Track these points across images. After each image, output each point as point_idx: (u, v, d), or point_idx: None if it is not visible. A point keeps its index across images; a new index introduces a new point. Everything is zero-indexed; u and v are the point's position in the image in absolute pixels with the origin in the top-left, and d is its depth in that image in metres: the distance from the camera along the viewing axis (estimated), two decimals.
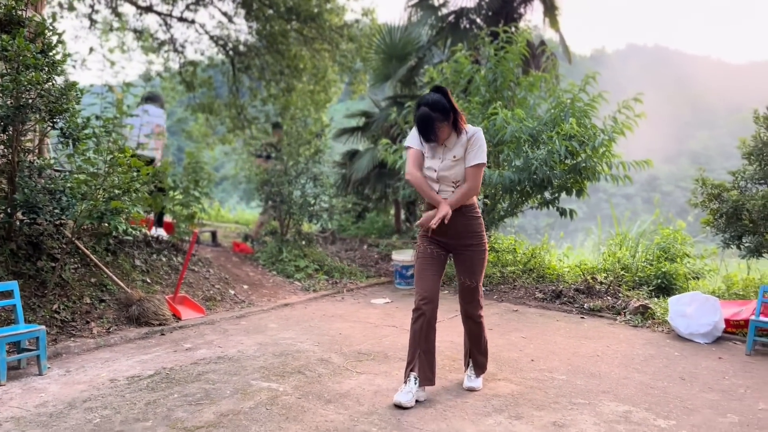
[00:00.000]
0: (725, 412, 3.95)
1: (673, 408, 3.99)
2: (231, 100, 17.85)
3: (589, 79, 7.77)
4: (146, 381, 4.12)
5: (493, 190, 8.16)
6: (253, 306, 6.59)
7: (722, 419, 3.80)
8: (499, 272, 8.42)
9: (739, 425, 3.71)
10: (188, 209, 6.76)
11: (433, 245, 3.93)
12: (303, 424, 3.44)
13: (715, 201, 6.90)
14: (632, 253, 8.90)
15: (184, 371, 4.36)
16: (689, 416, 3.83)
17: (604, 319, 6.71)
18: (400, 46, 11.18)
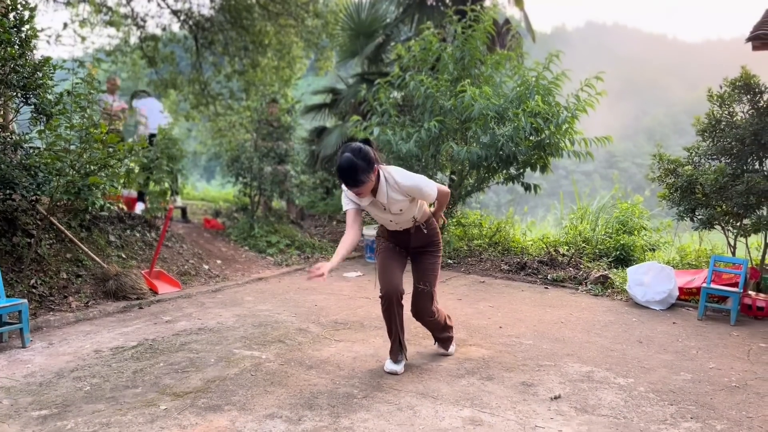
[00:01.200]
0: (679, 370, 4.27)
1: (632, 368, 4.29)
2: (194, 75, 17.57)
3: (553, 57, 7.99)
4: (130, 351, 4.23)
5: (460, 167, 8.37)
6: (227, 280, 6.70)
7: (676, 377, 4.12)
8: (466, 246, 8.69)
9: (691, 382, 4.03)
10: (161, 185, 6.79)
11: (396, 243, 4.01)
12: (288, 388, 3.61)
13: (671, 176, 7.22)
14: (592, 227, 9.27)
15: (166, 342, 4.48)
16: (646, 375, 4.14)
17: (567, 289, 7.03)
18: (368, 23, 11.22)
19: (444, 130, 7.95)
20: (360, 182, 3.47)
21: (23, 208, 5.53)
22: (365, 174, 3.46)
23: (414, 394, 3.60)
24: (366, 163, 3.46)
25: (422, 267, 4.00)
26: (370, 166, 3.48)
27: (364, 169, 3.45)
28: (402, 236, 3.96)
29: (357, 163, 3.42)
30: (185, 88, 17.67)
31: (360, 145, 3.52)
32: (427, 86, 7.82)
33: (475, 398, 3.57)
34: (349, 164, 3.43)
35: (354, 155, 3.44)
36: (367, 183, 3.50)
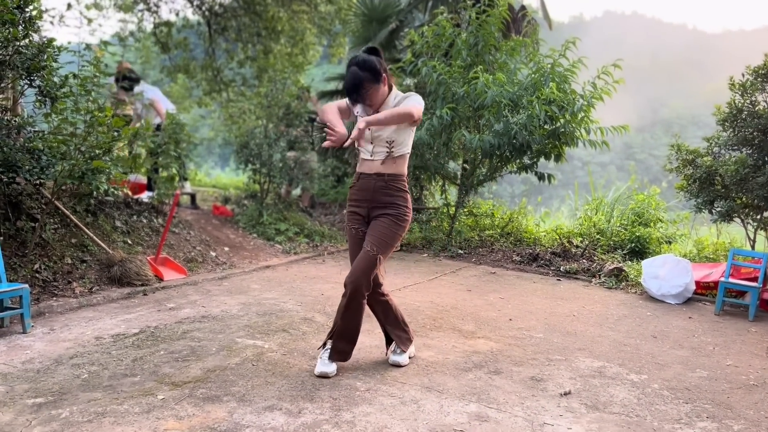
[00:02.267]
0: (694, 367, 4.12)
1: (645, 363, 4.15)
2: (207, 62, 17.50)
3: (569, 44, 7.80)
4: (132, 339, 4.16)
5: (473, 155, 8.22)
6: (234, 268, 6.62)
7: (691, 374, 3.98)
8: (478, 236, 8.55)
9: (707, 379, 3.88)
10: (168, 171, 6.71)
11: (356, 224, 3.68)
12: (289, 379, 3.52)
13: (689, 166, 7.04)
14: (607, 218, 9.08)
15: (169, 329, 4.40)
16: (660, 371, 4.00)
17: (580, 282, 6.88)
18: (381, 9, 11.05)
19: (456, 118, 7.80)
20: (365, 96, 3.38)
21: (28, 192, 5.47)
22: (370, 84, 3.36)
23: (419, 387, 3.49)
24: (371, 73, 3.37)
25: (377, 229, 3.55)
26: (376, 76, 3.38)
27: (369, 79, 3.36)
28: (367, 188, 3.60)
29: (361, 76, 3.33)
30: (198, 74, 17.62)
31: (365, 55, 3.43)
32: (439, 72, 7.67)
33: (481, 393, 3.46)
34: (353, 79, 3.34)
35: (359, 67, 3.35)
36: (372, 93, 3.40)
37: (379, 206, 3.61)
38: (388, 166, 3.58)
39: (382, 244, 3.54)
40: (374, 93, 3.42)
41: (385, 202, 3.60)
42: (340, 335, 3.61)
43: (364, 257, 3.53)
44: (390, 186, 3.59)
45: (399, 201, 3.61)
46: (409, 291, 6.01)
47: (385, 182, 3.59)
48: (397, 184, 3.60)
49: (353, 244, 3.74)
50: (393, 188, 3.60)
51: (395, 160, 3.59)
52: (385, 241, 3.56)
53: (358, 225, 3.71)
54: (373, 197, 3.62)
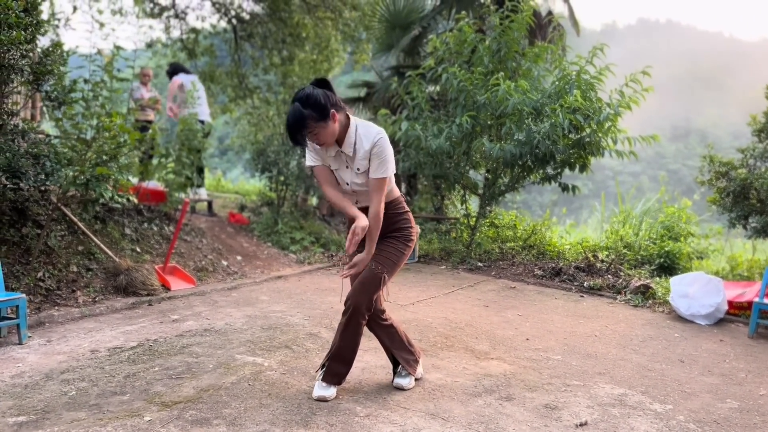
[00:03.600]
0: (724, 397, 3.82)
1: (671, 392, 3.86)
2: (233, 68, 17.54)
3: (597, 51, 7.52)
4: (128, 353, 4.01)
5: (494, 164, 7.97)
6: (245, 278, 6.47)
7: (721, 404, 3.67)
8: (498, 248, 8.27)
9: (738, 411, 3.58)
10: (181, 177, 6.60)
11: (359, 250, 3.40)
12: (285, 401, 3.32)
13: (723, 179, 6.71)
14: (635, 231, 8.74)
15: (168, 343, 4.24)
16: (687, 401, 3.70)
17: (604, 298, 6.57)
18: (404, 15, 10.87)
19: (477, 126, 7.56)
20: (310, 135, 3.03)
21: (35, 198, 5.39)
22: (315, 123, 2.99)
23: (422, 413, 3.26)
24: (315, 110, 2.97)
25: (382, 249, 3.34)
26: (321, 113, 2.99)
27: (313, 117, 2.97)
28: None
29: (304, 113, 2.95)
30: (224, 80, 17.66)
31: (309, 89, 3.04)
32: (460, 79, 7.44)
33: (490, 421, 3.21)
34: (293, 116, 2.98)
35: (301, 104, 2.97)
36: (319, 132, 3.03)
37: (383, 232, 3.39)
38: None
39: (388, 263, 3.35)
40: (321, 131, 3.04)
41: (387, 230, 3.40)
42: (336, 356, 3.41)
43: (369, 275, 3.32)
44: (388, 213, 3.36)
45: (401, 224, 3.44)
46: (422, 305, 5.78)
47: (386, 215, 3.35)
48: (392, 211, 3.40)
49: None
50: (390, 216, 3.38)
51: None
52: (391, 261, 3.37)
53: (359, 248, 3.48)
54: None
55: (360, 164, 3.20)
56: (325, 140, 3.10)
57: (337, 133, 3.14)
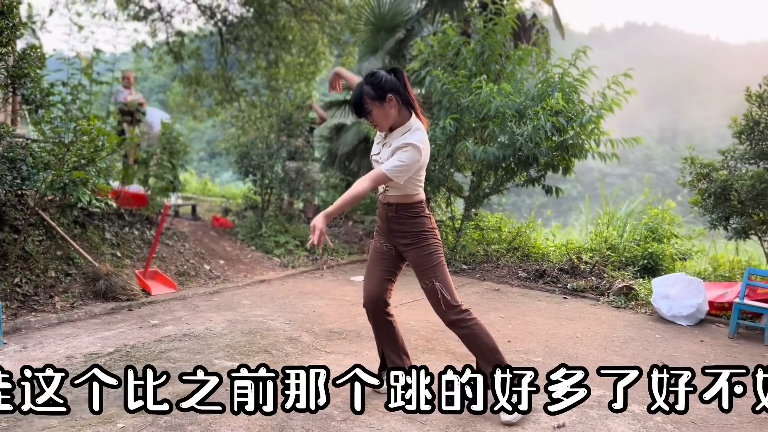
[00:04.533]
0: None
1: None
2: (219, 71, 17.47)
3: (580, 53, 7.55)
4: (104, 359, 3.97)
5: (479, 167, 7.97)
6: (228, 282, 6.43)
7: (699, 405, 3.68)
8: (483, 250, 8.28)
9: (716, 411, 3.58)
10: (162, 181, 6.55)
11: (382, 238, 3.47)
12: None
13: (704, 180, 6.74)
14: (619, 233, 8.77)
15: (145, 349, 4.20)
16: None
17: (587, 300, 6.59)
18: (389, 18, 10.85)
19: (461, 129, 7.57)
20: (365, 112, 3.12)
21: (12, 203, 5.33)
22: (371, 101, 3.08)
23: (400, 417, 3.25)
24: (374, 89, 3.09)
25: (414, 264, 3.36)
26: (378, 94, 3.08)
27: (370, 96, 3.08)
28: (382, 217, 3.42)
29: (363, 90, 3.10)
30: (210, 83, 17.60)
31: (378, 71, 3.17)
32: (443, 82, 7.44)
33: (467, 425, 3.20)
34: (357, 89, 3.14)
35: (365, 81, 3.13)
36: (375, 112, 3.11)
37: (398, 236, 3.38)
38: (395, 196, 3.34)
39: (428, 272, 3.31)
40: (375, 110, 3.11)
41: (401, 231, 3.36)
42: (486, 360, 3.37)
43: (428, 296, 3.37)
44: (402, 215, 3.33)
45: (415, 228, 3.33)
46: (405, 308, 5.76)
47: (395, 212, 3.35)
48: (408, 212, 3.32)
49: (374, 257, 3.52)
50: (405, 216, 3.33)
51: (394, 197, 3.33)
52: (428, 267, 3.31)
53: (383, 240, 3.49)
54: (387, 227, 3.42)
55: (385, 154, 3.22)
56: (377, 121, 3.15)
57: (392, 121, 3.16)
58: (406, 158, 3.06)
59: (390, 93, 3.10)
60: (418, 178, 3.29)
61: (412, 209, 3.33)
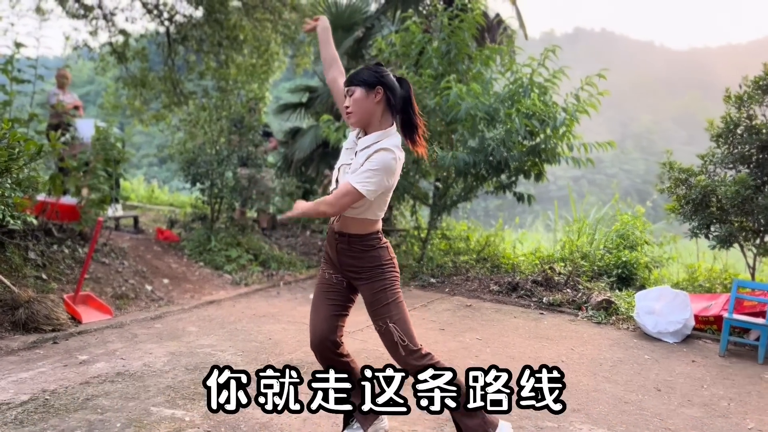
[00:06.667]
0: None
1: (654, 429, 3.42)
2: (166, 73, 16.58)
3: (549, 53, 7.15)
4: (15, 411, 3.28)
5: (446, 173, 7.49)
6: (172, 304, 5.75)
7: None
8: (452, 262, 7.78)
9: None
10: (98, 192, 5.82)
11: (330, 268, 2.96)
12: None
13: (682, 186, 6.40)
14: (590, 241, 8.42)
15: (68, 395, 3.53)
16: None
17: (565, 315, 6.16)
18: (346, 16, 10.33)
19: (427, 133, 7.06)
20: (353, 80, 2.74)
21: None
22: (360, 85, 2.71)
23: None
24: (372, 75, 2.73)
25: (366, 301, 2.86)
26: (372, 79, 2.72)
27: (362, 78, 2.73)
28: (331, 245, 2.92)
29: (364, 70, 2.78)
30: (157, 85, 16.71)
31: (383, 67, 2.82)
32: None
33: None
34: (358, 69, 2.82)
35: (368, 66, 2.83)
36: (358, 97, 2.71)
37: (349, 270, 2.86)
38: (346, 224, 2.81)
39: (382, 311, 2.79)
40: (359, 98, 2.71)
41: (352, 266, 2.85)
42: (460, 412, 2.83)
43: (383, 339, 2.83)
44: (354, 248, 2.82)
45: (370, 263, 2.82)
46: (372, 331, 5.19)
47: (347, 244, 2.83)
48: (362, 244, 2.82)
49: (320, 290, 2.97)
50: (358, 250, 2.82)
51: (349, 221, 2.79)
52: (383, 305, 2.79)
53: (332, 270, 2.94)
54: (337, 259, 2.89)
55: (357, 161, 2.73)
56: (353, 107, 2.73)
57: (369, 119, 2.73)
58: (378, 163, 2.60)
59: (381, 86, 2.72)
60: (384, 200, 2.79)
61: (367, 241, 2.82)
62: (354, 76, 2.75)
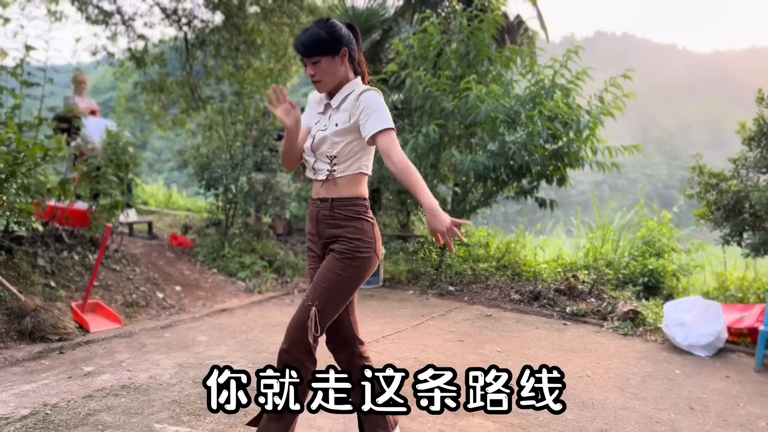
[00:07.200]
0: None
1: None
2: (184, 78, 16.59)
3: (572, 54, 6.93)
4: (14, 426, 3.14)
5: (464, 178, 7.29)
6: (183, 312, 5.60)
7: None
8: (471, 269, 7.56)
9: None
10: (110, 198, 5.71)
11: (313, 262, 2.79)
12: None
13: (713, 191, 6.13)
14: (614, 248, 8.15)
15: (70, 409, 3.38)
16: None
17: (589, 326, 5.91)
18: (363, 19, 10.18)
19: (446, 136, 6.88)
20: (312, 50, 2.53)
21: None
22: (322, 49, 2.53)
23: None
24: (330, 35, 2.54)
25: (318, 272, 2.61)
26: (332, 43, 2.54)
27: (323, 42, 2.53)
28: (311, 217, 2.72)
29: (317, 33, 2.53)
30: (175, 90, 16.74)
31: (331, 18, 2.63)
32: (425, 85, 6.74)
33: None
34: (307, 31, 2.56)
35: (318, 25, 2.58)
36: (323, 64, 2.55)
37: (328, 242, 2.65)
38: (332, 188, 2.62)
39: (323, 292, 2.53)
40: (327, 65, 2.56)
41: (332, 235, 2.62)
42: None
43: (298, 310, 2.59)
44: (336, 215, 2.60)
45: (348, 233, 2.58)
46: (388, 342, 5.02)
47: (329, 209, 2.62)
48: (344, 210, 2.60)
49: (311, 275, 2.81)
50: (340, 216, 2.60)
51: (338, 182, 2.60)
52: (327, 288, 2.54)
53: (315, 264, 2.76)
54: (319, 230, 2.68)
55: (340, 117, 2.59)
56: (322, 76, 2.57)
57: (339, 80, 2.61)
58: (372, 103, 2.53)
59: (345, 47, 2.59)
60: (372, 149, 2.66)
61: (353, 207, 2.61)
62: (313, 44, 2.53)
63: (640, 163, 66.72)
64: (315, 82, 2.60)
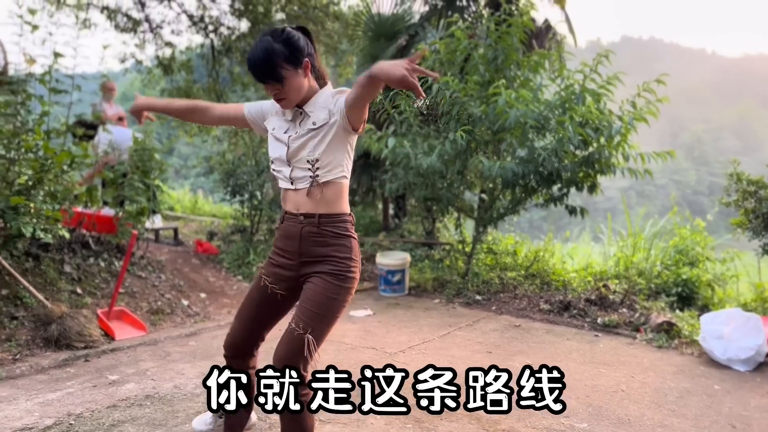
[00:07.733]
0: None
1: None
2: (210, 84, 16.74)
3: (602, 58, 6.77)
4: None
5: (492, 185, 7.16)
6: (208, 320, 5.57)
7: None
8: (498, 278, 7.42)
9: None
10: (136, 204, 5.71)
11: (271, 275, 2.59)
12: None
13: (751, 199, 5.93)
14: (645, 256, 7.94)
15: (94, 420, 3.34)
16: None
17: (622, 338, 5.74)
18: (389, 24, 10.13)
19: (473, 142, 6.76)
20: (275, 75, 2.33)
21: None
22: (286, 63, 2.34)
23: None
24: (288, 48, 2.35)
25: (305, 296, 2.47)
26: (295, 55, 2.36)
27: (284, 57, 2.33)
28: (291, 234, 2.52)
29: (273, 47, 2.32)
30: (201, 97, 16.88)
31: (285, 27, 2.42)
32: (453, 90, 6.64)
33: None
34: (261, 48, 2.33)
35: (273, 37, 2.35)
36: (286, 79, 2.35)
37: (312, 261, 2.50)
38: (317, 200, 2.47)
39: (315, 318, 2.40)
40: (292, 81, 2.37)
41: (318, 254, 2.48)
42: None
43: (289, 339, 2.41)
44: (325, 231, 2.48)
45: (339, 252, 2.47)
46: (414, 353, 4.92)
47: (317, 226, 2.48)
48: (332, 227, 2.48)
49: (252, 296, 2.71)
50: (328, 234, 2.48)
51: (323, 189, 2.46)
52: (319, 313, 2.40)
53: (273, 277, 2.59)
54: (301, 248, 2.50)
55: (318, 115, 2.44)
56: (288, 93, 2.39)
57: (304, 92, 2.44)
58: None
59: (306, 58, 2.42)
60: (351, 155, 2.56)
61: (341, 223, 2.51)
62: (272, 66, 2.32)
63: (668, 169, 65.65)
64: (279, 100, 2.43)
